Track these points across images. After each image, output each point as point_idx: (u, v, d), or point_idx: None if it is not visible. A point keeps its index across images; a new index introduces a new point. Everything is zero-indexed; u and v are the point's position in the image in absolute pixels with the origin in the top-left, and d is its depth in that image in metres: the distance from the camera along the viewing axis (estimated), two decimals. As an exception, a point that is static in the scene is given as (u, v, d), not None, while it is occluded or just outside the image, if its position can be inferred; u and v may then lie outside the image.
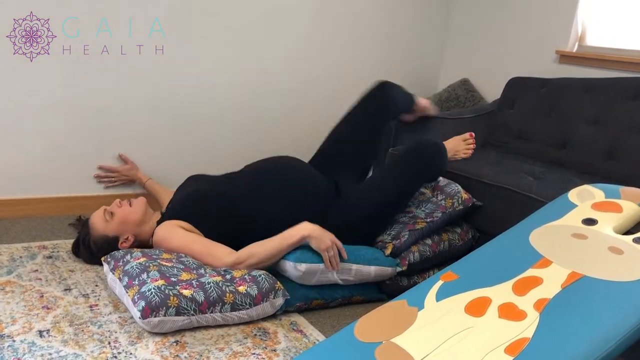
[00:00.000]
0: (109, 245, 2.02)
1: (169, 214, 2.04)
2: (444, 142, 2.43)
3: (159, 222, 2.05)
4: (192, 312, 1.64)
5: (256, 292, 1.74)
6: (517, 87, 2.85)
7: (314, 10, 2.98)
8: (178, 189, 2.18)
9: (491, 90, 3.21)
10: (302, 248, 1.88)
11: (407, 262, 2.02)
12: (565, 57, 2.87)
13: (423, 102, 2.57)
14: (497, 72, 3.19)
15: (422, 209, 2.18)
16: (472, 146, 2.51)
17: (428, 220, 2.11)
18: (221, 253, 1.88)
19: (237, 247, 1.92)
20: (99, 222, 2.03)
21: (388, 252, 2.02)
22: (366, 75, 3.27)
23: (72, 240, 2.24)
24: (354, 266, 1.92)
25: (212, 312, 1.68)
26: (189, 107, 2.77)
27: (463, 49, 3.42)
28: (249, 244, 1.92)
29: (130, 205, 2.07)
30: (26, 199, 2.47)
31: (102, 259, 1.93)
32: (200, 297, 1.66)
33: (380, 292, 2.05)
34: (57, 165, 2.51)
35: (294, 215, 2.00)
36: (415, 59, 3.43)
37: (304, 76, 3.07)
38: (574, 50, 2.89)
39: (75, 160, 2.54)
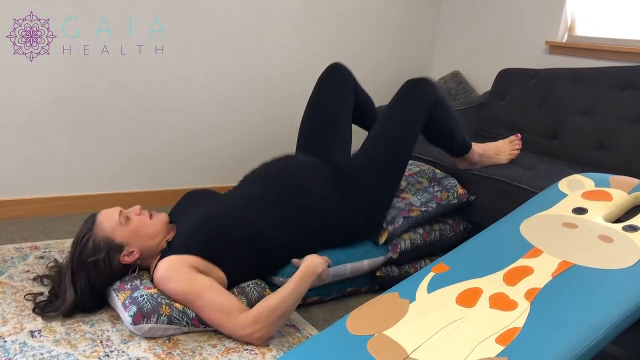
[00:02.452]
0: (109, 252, 1.70)
1: (176, 246, 1.72)
2: (489, 144, 2.34)
3: (162, 253, 1.75)
4: (184, 324, 1.63)
5: (245, 303, 1.73)
6: (508, 78, 2.85)
7: (310, 7, 2.98)
8: (178, 209, 1.93)
9: (482, 82, 3.21)
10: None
11: (398, 250, 2.03)
12: (555, 48, 2.87)
13: None
14: (487, 64, 3.19)
15: (419, 197, 2.18)
16: (518, 147, 2.36)
17: (422, 209, 2.13)
18: (237, 309, 1.62)
19: (252, 276, 1.82)
20: (110, 222, 1.73)
21: (383, 239, 2.02)
22: (358, 68, 3.25)
23: (64, 240, 2.23)
24: (348, 265, 1.94)
25: (205, 327, 1.67)
26: (189, 107, 2.76)
27: (454, 42, 3.41)
28: (264, 270, 1.85)
29: (150, 217, 1.80)
30: (19, 200, 2.46)
31: None
32: (191, 312, 1.64)
33: (372, 281, 2.06)
34: (53, 166, 2.50)
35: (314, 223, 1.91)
36: (407, 52, 3.43)
37: (302, 74, 3.06)
38: (564, 41, 2.89)
39: (73, 161, 2.54)
